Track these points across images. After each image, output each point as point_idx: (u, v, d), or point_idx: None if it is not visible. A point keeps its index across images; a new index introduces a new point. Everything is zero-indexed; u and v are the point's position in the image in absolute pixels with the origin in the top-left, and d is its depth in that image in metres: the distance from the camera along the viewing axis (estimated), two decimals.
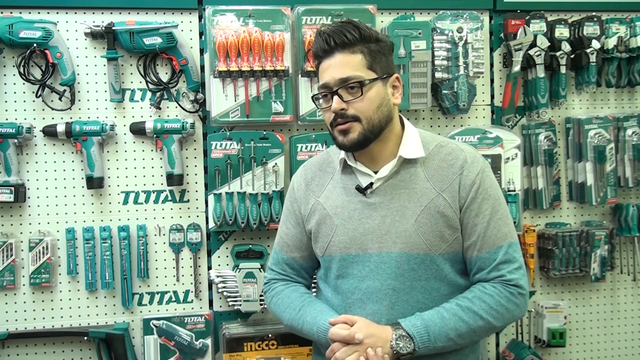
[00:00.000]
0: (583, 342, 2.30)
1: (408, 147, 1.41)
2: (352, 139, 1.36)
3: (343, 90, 1.35)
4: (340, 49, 1.35)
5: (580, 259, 2.19)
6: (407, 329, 1.32)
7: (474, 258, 1.40)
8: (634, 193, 2.32)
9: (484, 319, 1.35)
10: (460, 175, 1.39)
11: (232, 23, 1.96)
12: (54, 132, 1.93)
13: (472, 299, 1.36)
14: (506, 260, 1.38)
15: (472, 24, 2.08)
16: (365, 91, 1.34)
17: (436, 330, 1.32)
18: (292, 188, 1.57)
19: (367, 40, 1.36)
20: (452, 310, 1.35)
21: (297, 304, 1.48)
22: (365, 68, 1.35)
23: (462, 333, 1.34)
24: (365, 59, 1.36)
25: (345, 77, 1.34)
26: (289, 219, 1.56)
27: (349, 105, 1.35)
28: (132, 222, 2.01)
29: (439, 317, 1.34)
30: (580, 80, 2.23)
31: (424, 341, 1.31)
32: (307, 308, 1.46)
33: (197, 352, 1.98)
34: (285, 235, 1.57)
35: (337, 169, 1.49)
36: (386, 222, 1.39)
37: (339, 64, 1.35)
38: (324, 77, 1.38)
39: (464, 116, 2.18)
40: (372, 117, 1.36)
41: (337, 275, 1.45)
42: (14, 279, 1.94)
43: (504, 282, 1.37)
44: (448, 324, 1.33)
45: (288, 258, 1.56)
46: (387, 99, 1.39)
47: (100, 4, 1.98)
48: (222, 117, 1.97)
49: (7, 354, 1.95)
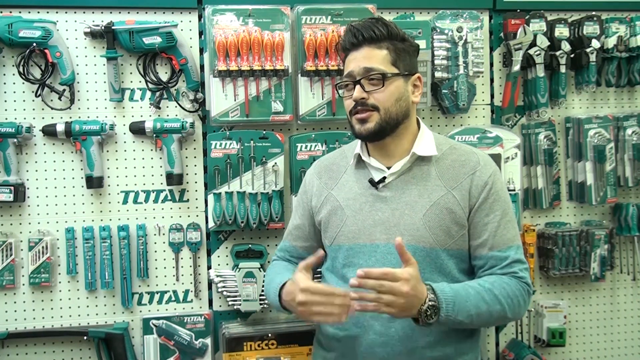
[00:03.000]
0: (583, 342, 2.30)
1: (422, 145, 1.47)
2: (369, 128, 1.42)
3: (365, 80, 1.42)
4: (367, 43, 1.43)
5: (580, 258, 2.19)
6: (439, 295, 1.30)
7: (485, 256, 1.44)
8: (633, 193, 2.32)
9: (501, 304, 1.38)
10: (472, 176, 1.45)
11: (232, 22, 1.96)
12: (54, 131, 1.93)
13: (493, 284, 1.39)
14: (517, 260, 1.43)
15: (472, 24, 2.08)
16: (386, 84, 1.41)
17: (461, 303, 1.33)
18: (305, 182, 1.66)
19: (394, 38, 1.45)
20: (476, 288, 1.37)
21: (279, 271, 1.57)
22: (389, 63, 1.43)
23: (481, 313, 1.36)
24: (390, 55, 1.43)
25: (369, 67, 1.42)
26: (297, 211, 1.66)
27: (370, 95, 1.42)
28: (131, 222, 2.01)
29: (465, 291, 1.35)
30: (580, 80, 2.23)
31: (449, 310, 1.31)
32: (285, 274, 1.51)
33: (196, 352, 1.98)
34: (291, 226, 1.68)
35: (350, 164, 1.55)
36: (396, 214, 1.44)
37: (364, 56, 1.43)
38: (349, 66, 1.46)
39: (464, 116, 2.18)
40: (389, 109, 1.42)
41: (344, 264, 1.48)
42: (13, 278, 1.94)
43: (517, 278, 1.41)
44: (472, 300, 1.35)
45: (290, 246, 1.66)
46: (406, 95, 1.46)
47: (100, 4, 1.98)
48: (221, 116, 1.97)
49: (6, 353, 1.95)
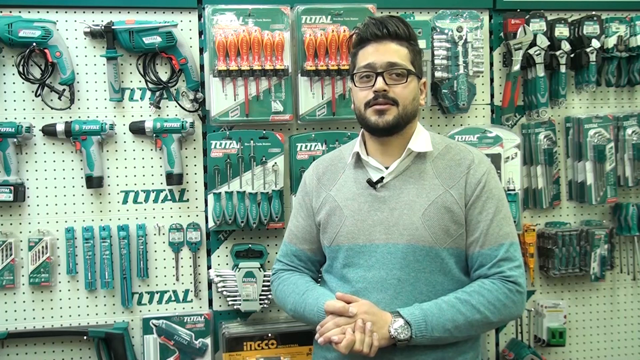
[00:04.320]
0: (583, 342, 2.30)
1: (417, 142, 1.48)
2: (387, 120, 1.43)
3: (387, 74, 1.42)
4: (391, 37, 1.44)
5: (580, 258, 2.19)
6: (405, 317, 1.35)
7: (475, 254, 1.44)
8: (633, 192, 2.32)
9: (481, 313, 1.38)
10: (467, 174, 1.45)
11: (232, 22, 1.96)
12: (54, 131, 1.93)
13: (471, 293, 1.40)
14: (507, 258, 1.42)
15: (472, 23, 2.08)
16: (409, 80, 1.43)
17: (434, 320, 1.35)
18: (304, 182, 1.64)
19: (412, 39, 1.48)
20: (451, 302, 1.38)
21: (302, 289, 1.53)
22: (409, 61, 1.45)
23: (459, 325, 1.37)
24: (410, 54, 1.46)
25: (394, 61, 1.43)
26: (300, 213, 1.63)
27: (391, 88, 1.42)
28: (131, 222, 2.01)
29: (437, 308, 1.37)
30: (580, 80, 2.23)
31: (421, 329, 1.34)
32: (310, 292, 1.50)
33: (196, 352, 1.98)
34: (295, 228, 1.63)
35: (348, 164, 1.54)
36: (394, 214, 1.44)
37: (389, 50, 1.44)
38: (367, 58, 1.45)
39: (464, 115, 2.18)
40: (407, 106, 1.44)
41: (343, 264, 1.48)
42: (13, 278, 1.94)
43: (503, 279, 1.41)
44: (446, 315, 1.36)
45: (297, 250, 1.62)
46: (418, 96, 1.49)
47: (100, 3, 1.98)
48: (221, 116, 1.97)
49: (6, 353, 1.95)
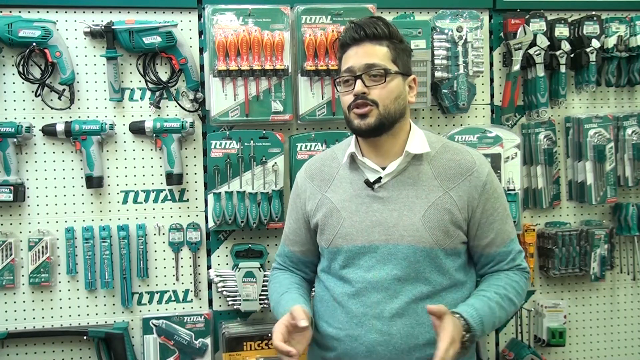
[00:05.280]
0: (583, 342, 2.30)
1: (414, 144, 1.47)
2: (369, 123, 1.42)
3: (366, 76, 1.42)
4: (369, 39, 1.43)
5: (580, 258, 2.19)
6: (471, 324, 1.33)
7: (492, 253, 1.49)
8: (633, 192, 2.32)
9: (515, 304, 1.46)
10: (470, 177, 1.46)
11: (232, 22, 1.96)
12: (54, 131, 1.93)
13: (506, 287, 1.45)
14: (518, 251, 1.52)
15: (472, 23, 2.08)
16: (387, 80, 1.42)
17: (487, 321, 1.38)
18: (297, 185, 1.63)
19: (394, 37, 1.46)
20: (495, 299, 1.42)
21: (282, 290, 1.55)
22: (389, 60, 1.43)
23: (502, 320, 1.44)
24: (390, 53, 1.44)
25: (371, 63, 1.41)
26: (291, 215, 1.63)
27: (370, 90, 1.41)
28: (131, 222, 2.01)
29: (490, 308, 1.40)
30: (580, 80, 2.23)
31: (478, 334, 1.36)
32: (287, 295, 1.52)
33: (196, 352, 1.98)
34: (287, 230, 1.65)
35: (342, 164, 1.53)
36: (394, 215, 1.43)
37: (366, 52, 1.43)
38: (348, 62, 1.45)
39: (464, 115, 2.18)
40: (389, 106, 1.42)
41: (342, 265, 1.48)
42: (13, 278, 1.94)
43: (520, 270, 1.51)
44: (495, 314, 1.40)
45: (288, 251, 1.64)
46: (404, 94, 1.47)
47: (100, 3, 1.98)
48: (221, 116, 1.97)
49: (6, 353, 1.95)
